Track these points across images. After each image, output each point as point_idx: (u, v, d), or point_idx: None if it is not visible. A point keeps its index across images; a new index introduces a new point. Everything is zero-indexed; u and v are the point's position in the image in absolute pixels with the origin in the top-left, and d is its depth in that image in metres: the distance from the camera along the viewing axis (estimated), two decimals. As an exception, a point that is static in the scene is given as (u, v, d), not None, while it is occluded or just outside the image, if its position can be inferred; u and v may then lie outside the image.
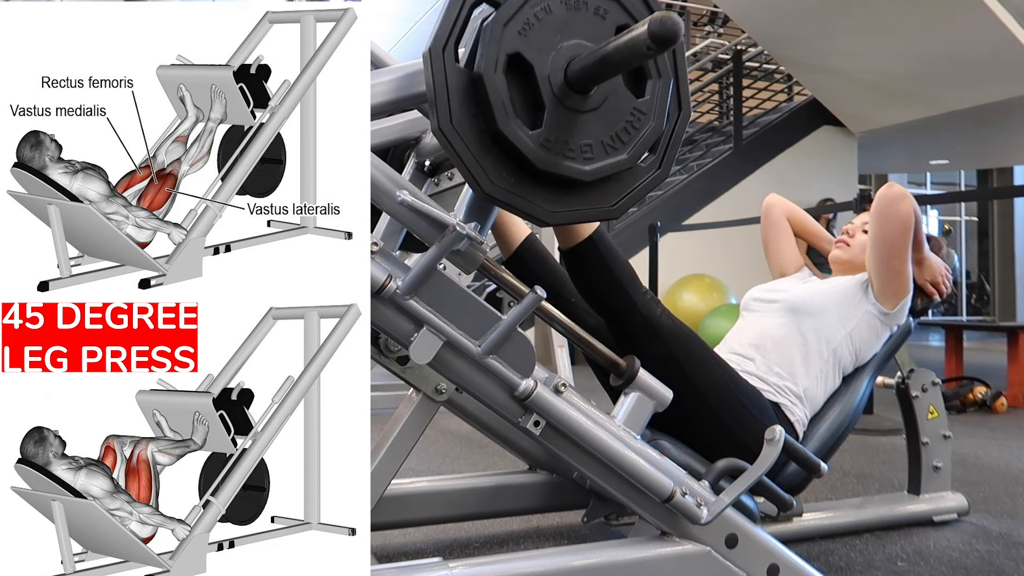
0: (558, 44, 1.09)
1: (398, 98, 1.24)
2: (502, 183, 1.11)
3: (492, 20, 1.08)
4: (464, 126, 1.08)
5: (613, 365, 1.42)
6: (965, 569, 1.83)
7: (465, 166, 1.09)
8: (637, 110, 1.15)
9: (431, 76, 1.07)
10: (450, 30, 1.08)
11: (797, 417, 1.75)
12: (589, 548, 1.44)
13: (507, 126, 1.07)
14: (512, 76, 1.08)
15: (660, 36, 0.91)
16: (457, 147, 1.08)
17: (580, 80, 1.08)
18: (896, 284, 1.86)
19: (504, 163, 1.11)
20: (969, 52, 5.95)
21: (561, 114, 1.10)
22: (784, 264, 2.15)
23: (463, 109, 1.08)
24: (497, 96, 1.07)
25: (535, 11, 1.09)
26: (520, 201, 1.12)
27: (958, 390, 4.25)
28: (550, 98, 1.09)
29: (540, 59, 1.09)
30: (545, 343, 2.64)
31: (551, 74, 1.09)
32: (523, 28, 1.08)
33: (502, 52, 1.07)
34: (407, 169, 1.60)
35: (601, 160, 1.13)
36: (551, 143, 1.09)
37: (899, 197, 1.83)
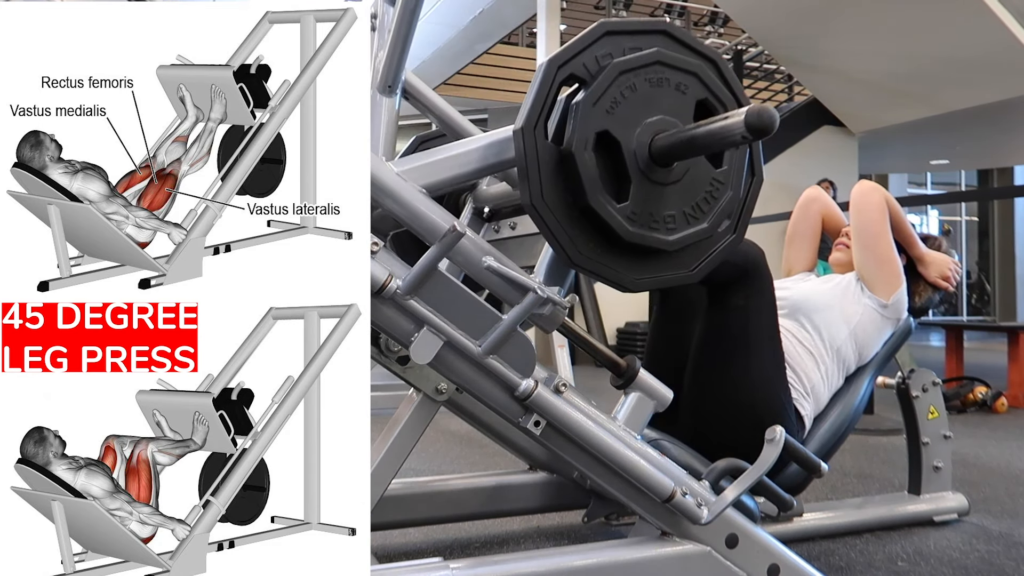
0: (643, 120, 1.15)
1: (484, 167, 1.29)
2: (589, 253, 1.17)
3: (582, 100, 1.13)
4: (554, 201, 1.15)
5: (613, 365, 1.42)
6: (965, 569, 1.83)
7: (555, 239, 1.15)
8: (716, 180, 1.20)
9: (523, 153, 1.13)
10: (541, 108, 1.14)
11: (807, 412, 1.77)
12: (589, 548, 1.44)
13: (596, 201, 1.13)
14: (599, 152, 1.14)
15: (757, 128, 0.98)
16: (548, 221, 1.14)
17: (665, 156, 1.14)
18: (886, 270, 1.89)
19: (591, 235, 1.17)
20: (969, 52, 5.94)
21: (646, 188, 1.16)
22: (796, 262, 2.15)
23: (553, 184, 1.14)
24: (588, 173, 1.12)
25: (621, 90, 1.14)
26: (606, 270, 1.19)
27: (958, 390, 4.25)
28: (636, 172, 1.15)
29: (627, 136, 1.14)
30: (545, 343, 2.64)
31: (637, 149, 1.15)
32: (611, 106, 1.14)
33: (591, 130, 1.13)
34: (465, 213, 1.65)
35: (683, 230, 1.19)
36: (637, 216, 1.15)
37: (870, 189, 1.97)
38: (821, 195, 2.18)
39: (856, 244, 1.95)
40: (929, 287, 2.04)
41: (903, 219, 1.98)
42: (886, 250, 1.91)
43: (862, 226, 1.93)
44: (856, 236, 1.95)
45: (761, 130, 0.97)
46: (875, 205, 1.93)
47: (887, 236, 1.92)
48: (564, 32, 7.79)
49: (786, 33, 6.82)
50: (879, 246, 1.91)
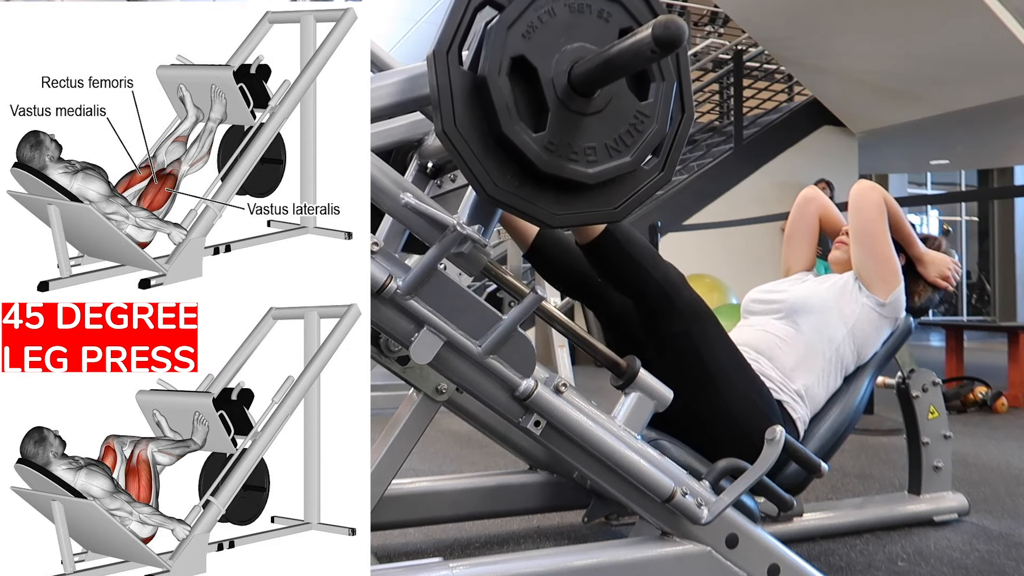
0: (562, 47, 1.09)
1: (402, 101, 1.24)
2: (506, 186, 1.11)
3: (496, 23, 1.08)
4: (468, 129, 1.08)
5: (613, 365, 1.42)
6: (965, 569, 1.83)
7: (469, 169, 1.09)
8: (640, 113, 1.15)
9: (435, 79, 1.07)
10: (454, 33, 1.08)
11: (799, 415, 1.76)
12: (589, 548, 1.44)
13: (511, 129, 1.07)
14: (516, 79, 1.08)
15: (664, 40, 0.92)
16: (461, 150, 1.08)
17: (584, 83, 1.08)
18: (884, 269, 1.89)
19: (508, 166, 1.11)
20: (969, 52, 5.95)
21: (565, 117, 1.10)
22: (794, 261, 2.15)
23: (467, 112, 1.08)
24: (501, 99, 1.07)
25: (539, 14, 1.09)
26: (524, 204, 1.12)
27: (959, 390, 4.25)
28: (554, 101, 1.09)
29: (544, 62, 1.09)
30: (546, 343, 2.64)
31: (555, 77, 1.09)
32: (527, 31, 1.08)
33: (506, 55, 1.07)
34: (410, 171, 1.60)
35: (605, 163, 1.13)
36: (555, 146, 1.10)
37: (868, 188, 1.96)
38: (818, 195, 2.18)
39: (854, 243, 1.95)
40: (928, 287, 2.04)
41: (902, 219, 1.99)
42: (884, 249, 1.91)
43: (860, 225, 1.94)
44: (854, 235, 1.95)
45: (668, 41, 0.92)
46: (874, 204, 1.93)
47: (885, 235, 1.92)
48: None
49: (786, 33, 6.82)
50: (877, 245, 1.91)
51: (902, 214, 1.99)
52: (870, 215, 1.92)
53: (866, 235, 1.92)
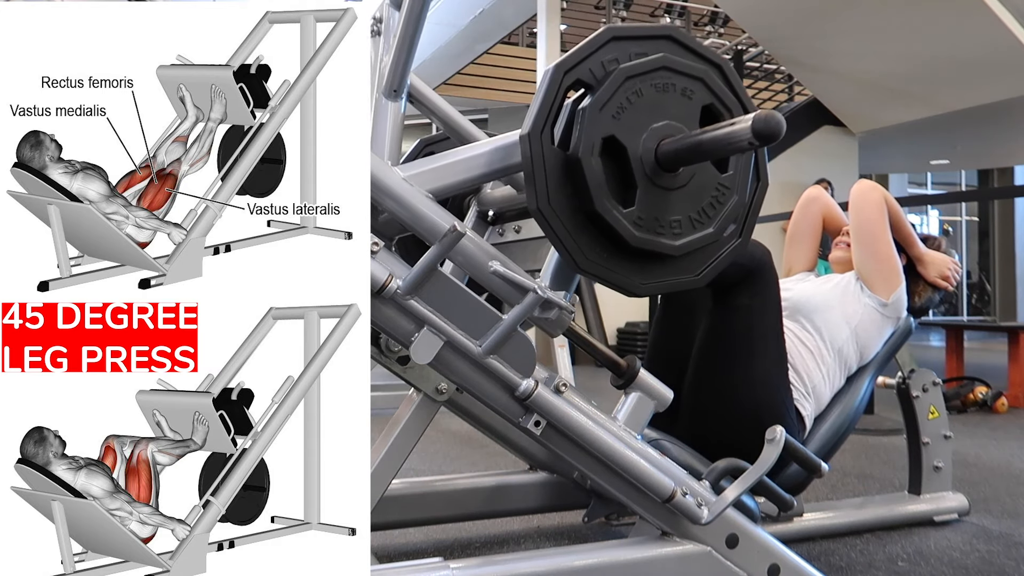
0: (649, 125, 1.15)
1: (490, 171, 1.29)
2: (595, 258, 1.17)
3: (589, 106, 1.13)
4: (560, 205, 1.14)
5: (613, 365, 1.42)
6: (966, 569, 1.83)
7: (562, 244, 1.15)
8: (722, 185, 1.21)
9: (529, 158, 1.13)
10: (547, 113, 1.14)
11: (807, 412, 1.77)
12: (590, 548, 1.44)
13: (603, 206, 1.13)
14: (605, 157, 1.14)
15: (765, 135, 0.98)
16: (555, 226, 1.14)
17: (671, 161, 1.14)
18: (885, 268, 1.89)
19: (597, 240, 1.17)
20: (969, 52, 5.94)
21: (653, 193, 1.16)
22: (796, 261, 2.15)
23: (559, 189, 1.14)
24: (594, 178, 1.13)
25: (628, 95, 1.14)
26: (613, 275, 1.19)
27: (959, 390, 4.25)
28: (642, 178, 1.15)
29: (633, 141, 1.15)
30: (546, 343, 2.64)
31: (643, 155, 1.15)
32: (617, 112, 1.14)
33: (598, 136, 1.13)
34: (469, 216, 1.66)
35: (689, 235, 1.19)
36: (644, 221, 1.16)
37: (869, 188, 1.97)
38: (821, 195, 2.17)
39: (855, 243, 1.95)
40: (929, 287, 2.04)
41: (902, 218, 1.99)
42: (885, 249, 1.91)
43: (861, 225, 1.94)
44: (855, 235, 1.95)
45: (768, 136, 0.98)
46: (874, 204, 1.93)
47: (886, 235, 1.92)
48: (564, 32, 7.79)
49: (786, 33, 6.81)
50: (878, 245, 1.91)
51: (902, 214, 1.99)
52: (871, 215, 1.92)
53: (867, 235, 1.92)
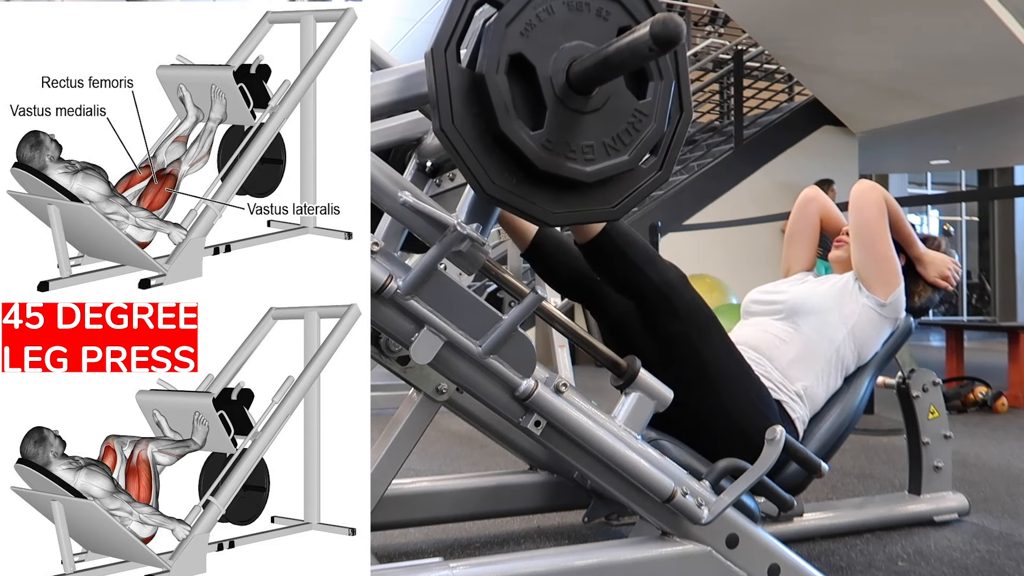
0: (560, 45, 1.09)
1: (400, 99, 1.23)
2: (504, 183, 1.11)
3: (494, 20, 1.08)
4: (466, 127, 1.08)
5: (613, 365, 1.42)
6: (966, 569, 1.83)
7: (467, 166, 1.09)
8: (639, 111, 1.15)
9: (433, 77, 1.07)
10: (452, 30, 1.07)
11: (798, 415, 1.76)
12: (590, 548, 1.44)
13: (509, 127, 1.07)
14: (514, 77, 1.08)
15: (662, 37, 0.92)
16: (459, 148, 1.08)
17: (582, 81, 1.08)
18: (885, 269, 1.89)
19: (506, 164, 1.11)
20: (969, 52, 5.94)
21: (563, 115, 1.10)
22: (795, 261, 2.15)
23: (465, 110, 1.08)
24: (499, 97, 1.07)
25: (537, 12, 1.08)
26: (521, 202, 1.12)
27: (959, 390, 4.25)
28: (552, 99, 1.09)
29: (542, 60, 1.08)
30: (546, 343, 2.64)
31: (553, 75, 1.09)
32: (525, 29, 1.08)
33: (504, 53, 1.07)
34: (408, 170, 1.60)
35: (602, 161, 1.13)
36: (552, 144, 1.09)
37: (869, 188, 1.96)
38: (819, 195, 2.17)
39: (854, 242, 1.95)
40: (928, 287, 2.04)
41: (902, 219, 1.99)
42: (884, 249, 1.91)
43: (860, 224, 1.94)
44: (854, 234, 1.95)
45: (666, 39, 0.91)
46: (874, 203, 1.93)
47: (885, 235, 1.92)
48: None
49: (786, 33, 6.82)
50: (877, 244, 1.91)
51: (902, 214, 1.99)
52: (870, 214, 1.92)
53: (866, 234, 1.92)
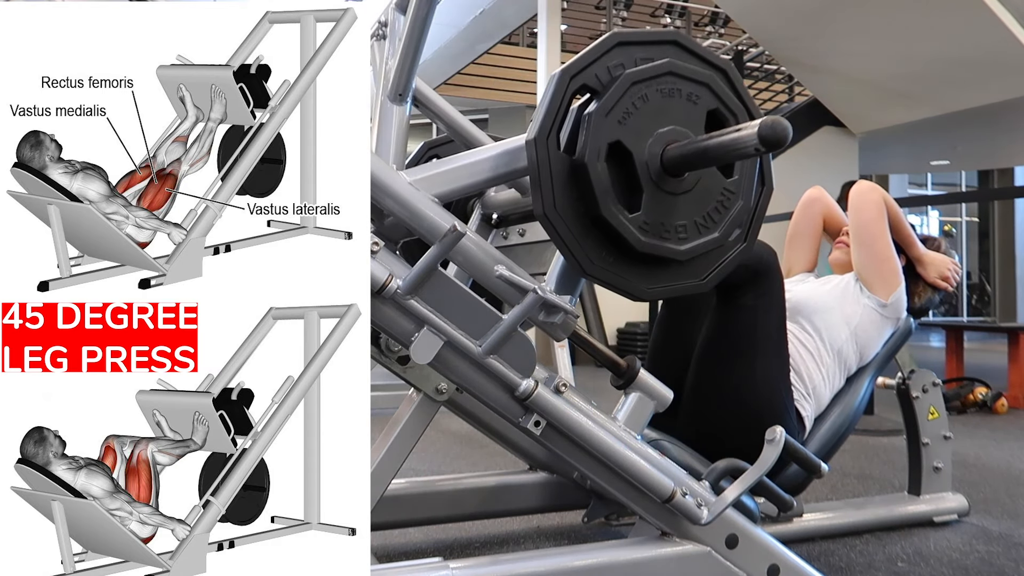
0: (655, 131, 1.16)
1: (496, 176, 1.30)
2: (601, 263, 1.18)
3: (595, 111, 1.14)
4: (566, 211, 1.15)
5: (613, 365, 1.42)
6: (965, 569, 1.83)
7: (568, 249, 1.16)
8: (727, 190, 1.21)
9: (535, 163, 1.13)
10: (553, 119, 1.14)
11: (807, 413, 1.77)
12: (589, 548, 1.44)
13: (609, 211, 1.14)
14: (611, 162, 1.14)
15: (770, 140, 0.98)
16: (560, 231, 1.15)
17: (677, 166, 1.14)
18: (885, 269, 1.89)
19: (603, 244, 1.17)
20: (970, 53, 5.94)
21: (658, 198, 1.16)
22: (796, 262, 2.15)
23: (565, 194, 1.15)
24: (601, 184, 1.13)
25: (633, 100, 1.15)
26: (618, 279, 1.19)
27: (959, 391, 4.25)
28: (648, 183, 1.15)
29: (639, 146, 1.15)
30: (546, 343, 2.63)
31: (649, 160, 1.15)
32: (623, 117, 1.14)
33: (604, 141, 1.13)
34: (473, 219, 1.66)
35: (695, 240, 1.19)
36: (650, 226, 1.16)
37: (868, 188, 1.97)
38: (823, 196, 2.17)
39: (854, 243, 1.95)
40: (928, 288, 2.04)
41: (901, 219, 1.99)
42: (884, 249, 1.91)
43: (860, 225, 1.94)
44: (856, 234, 1.95)
45: (775, 142, 0.98)
46: (873, 204, 1.93)
47: (885, 235, 1.92)
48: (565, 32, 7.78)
49: (787, 33, 6.82)
50: (877, 245, 1.91)
51: (902, 215, 1.99)
52: (870, 215, 1.92)
53: (866, 235, 1.92)
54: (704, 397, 1.65)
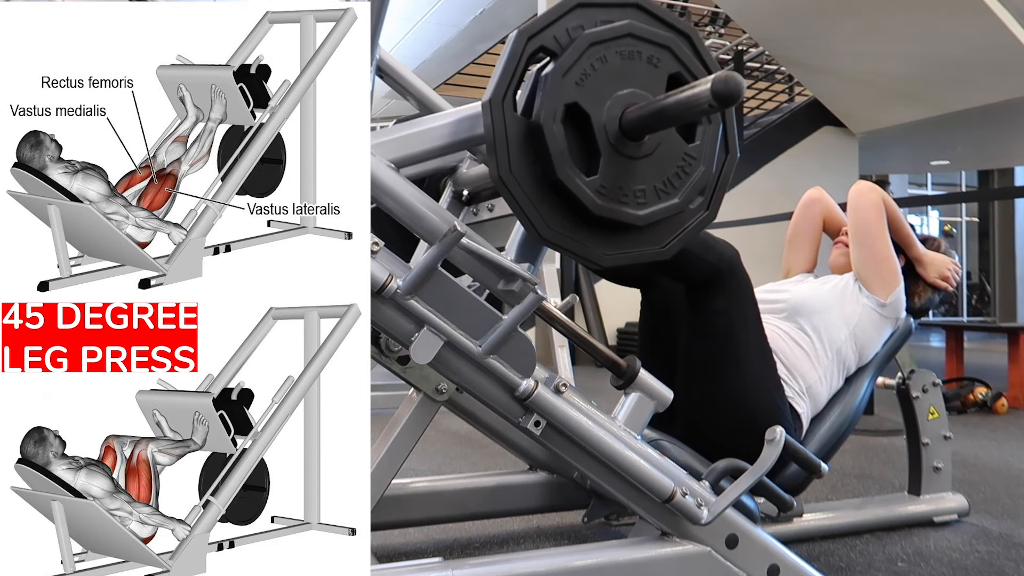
0: (613, 93, 1.13)
1: (454, 142, 1.26)
2: (558, 228, 1.15)
3: (552, 72, 1.11)
4: (522, 174, 1.12)
5: (613, 365, 1.42)
6: (965, 570, 1.83)
7: (523, 212, 1.13)
8: (688, 155, 1.18)
9: (491, 125, 1.10)
10: (509, 80, 1.11)
11: (803, 412, 1.77)
12: (589, 548, 1.44)
13: (565, 174, 1.11)
14: (569, 125, 1.12)
15: (723, 95, 0.95)
16: (516, 194, 1.12)
17: (636, 129, 1.12)
18: (884, 269, 1.89)
19: (560, 209, 1.15)
20: (970, 53, 5.95)
21: (616, 161, 1.14)
22: (795, 263, 2.15)
23: (521, 157, 1.12)
24: (556, 146, 1.10)
25: (592, 61, 1.12)
26: (575, 245, 1.16)
27: (959, 391, 4.25)
28: (606, 146, 1.13)
29: (597, 108, 1.12)
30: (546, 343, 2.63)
31: (607, 123, 1.12)
32: (581, 79, 1.12)
33: (561, 102, 1.11)
34: (444, 197, 1.64)
35: (654, 205, 1.16)
36: (607, 189, 1.13)
37: (867, 189, 1.97)
38: (823, 196, 2.17)
39: (853, 243, 1.95)
40: (928, 288, 2.04)
41: (901, 219, 1.99)
42: (883, 249, 1.91)
43: (859, 225, 1.94)
44: (855, 234, 1.95)
45: (727, 97, 0.94)
46: (872, 204, 1.93)
47: (884, 235, 1.92)
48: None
49: (787, 34, 6.82)
50: (876, 245, 1.91)
51: (901, 215, 1.99)
52: (869, 215, 1.92)
53: (865, 235, 1.92)
54: (696, 406, 1.63)
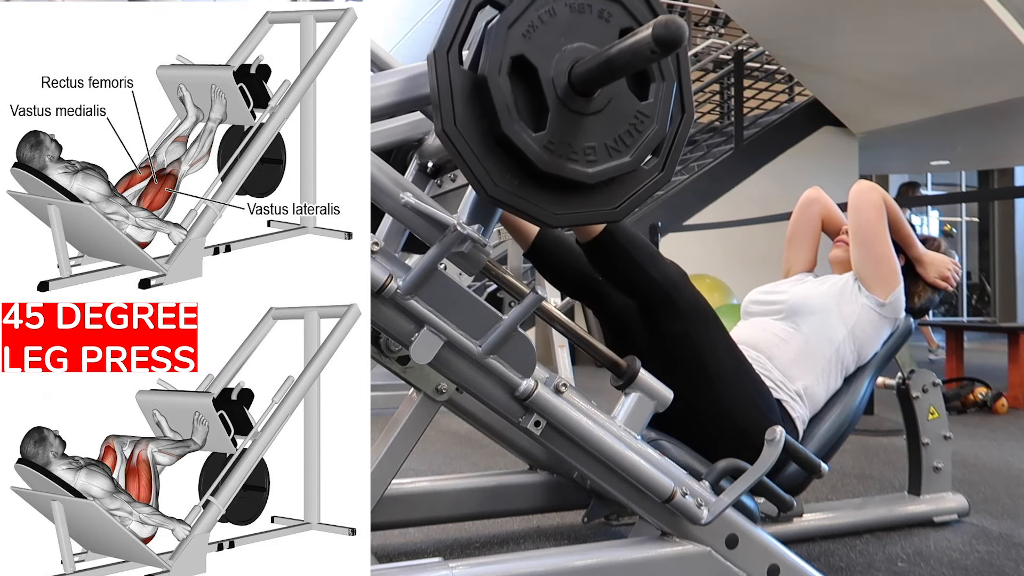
0: (562, 47, 1.09)
1: (402, 100, 1.23)
2: (506, 185, 1.11)
3: (496, 22, 1.07)
4: (468, 129, 1.08)
5: (613, 365, 1.42)
6: (965, 570, 1.83)
7: (469, 168, 1.09)
8: (640, 113, 1.14)
9: (435, 78, 1.06)
10: (454, 32, 1.07)
11: (798, 414, 1.76)
12: (589, 548, 1.44)
13: (511, 128, 1.07)
14: (516, 79, 1.08)
15: (664, 40, 0.91)
16: (461, 149, 1.08)
17: (584, 83, 1.08)
18: (884, 269, 1.89)
19: (508, 166, 1.10)
20: (970, 53, 5.94)
21: (565, 117, 1.10)
22: (795, 262, 2.15)
23: (467, 111, 1.08)
24: (501, 99, 1.07)
25: (539, 14, 1.08)
26: (523, 203, 1.12)
27: (959, 391, 4.24)
28: (554, 101, 1.09)
29: (544, 62, 1.08)
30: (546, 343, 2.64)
31: (555, 77, 1.09)
32: (527, 31, 1.08)
33: (506, 55, 1.07)
34: (410, 170, 1.60)
35: (604, 163, 1.13)
36: (555, 145, 1.09)
37: (868, 188, 1.96)
38: (822, 196, 2.17)
39: (853, 243, 1.95)
40: (928, 288, 2.04)
41: (901, 219, 1.99)
42: (883, 248, 1.91)
43: (859, 224, 1.94)
44: (855, 234, 1.95)
45: (669, 42, 0.91)
46: (872, 203, 1.93)
47: (884, 235, 1.92)
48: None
49: (787, 33, 6.82)
50: (876, 244, 1.91)
51: (901, 215, 1.99)
52: (869, 215, 1.92)
53: (865, 235, 1.92)
54: (684, 422, 1.61)
